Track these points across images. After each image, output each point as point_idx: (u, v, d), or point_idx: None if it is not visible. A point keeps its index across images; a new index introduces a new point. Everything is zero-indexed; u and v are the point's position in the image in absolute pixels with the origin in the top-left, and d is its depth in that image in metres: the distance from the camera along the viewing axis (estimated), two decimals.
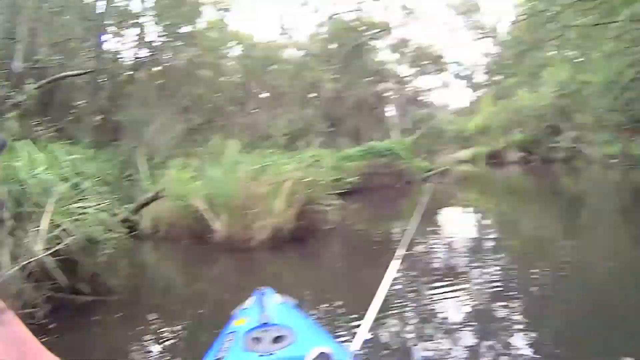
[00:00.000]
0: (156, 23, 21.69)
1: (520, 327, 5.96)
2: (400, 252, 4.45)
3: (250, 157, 12.27)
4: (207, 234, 11.10)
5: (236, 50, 34.22)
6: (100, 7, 20.16)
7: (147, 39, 21.65)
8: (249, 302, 3.72)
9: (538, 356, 5.13)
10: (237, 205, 10.68)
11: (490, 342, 5.55)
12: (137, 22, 21.44)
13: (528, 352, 5.21)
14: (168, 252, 11.76)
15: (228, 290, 8.31)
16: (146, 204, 11.71)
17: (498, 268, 9.16)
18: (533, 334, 5.68)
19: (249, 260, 10.26)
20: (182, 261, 11.24)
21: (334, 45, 45.09)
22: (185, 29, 22.77)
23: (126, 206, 11.64)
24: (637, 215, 16.77)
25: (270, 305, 3.49)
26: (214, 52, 22.39)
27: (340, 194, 15.82)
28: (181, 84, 20.17)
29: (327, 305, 7.17)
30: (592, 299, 6.93)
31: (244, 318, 3.40)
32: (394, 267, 4.15)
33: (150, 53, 20.92)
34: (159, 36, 21.68)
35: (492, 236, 13.64)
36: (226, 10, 29.64)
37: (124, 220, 10.43)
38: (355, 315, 5.84)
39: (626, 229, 13.99)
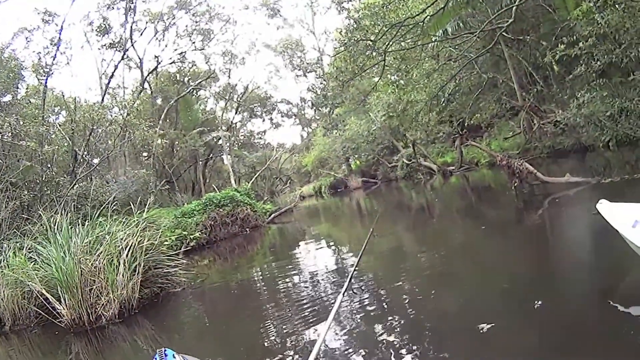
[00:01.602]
0: None
1: (400, 345, 6.00)
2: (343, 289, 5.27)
3: (82, 230, 11.51)
4: (56, 318, 10.29)
5: (60, 116, 33.01)
6: None
7: None
8: None
9: None
10: (76, 283, 9.97)
11: None
12: None
13: None
14: (17, 346, 10.75)
15: None
16: None
17: (366, 290, 9.19)
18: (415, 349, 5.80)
19: (102, 339, 9.58)
20: (32, 355, 10.32)
21: (159, 100, 44.54)
22: (6, 97, 21.64)
23: None
24: (477, 210, 18.39)
25: None
26: (37, 120, 21.26)
27: (186, 252, 15.38)
28: (6, 158, 18.97)
29: None
30: (460, 302, 7.31)
31: None
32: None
33: None
34: None
35: (351, 261, 13.50)
36: (47, 73, 28.57)
37: None
38: None
39: (473, 226, 14.90)
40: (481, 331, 5.64)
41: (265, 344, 7.25)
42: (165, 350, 3.53)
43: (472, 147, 32.38)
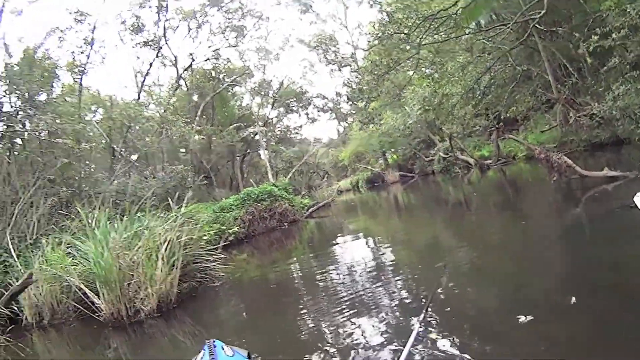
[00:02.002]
0: (7, 93, 20.50)
1: (438, 336, 5.93)
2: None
3: (121, 225, 11.55)
4: (94, 313, 10.36)
5: (97, 114, 33.40)
6: None
7: (2, 110, 20.38)
8: (200, 356, 3.56)
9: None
10: (115, 278, 9.99)
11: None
12: None
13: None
14: (55, 341, 10.83)
15: None
16: (17, 293, 10.81)
17: (403, 283, 9.20)
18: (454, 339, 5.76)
19: (141, 333, 9.61)
20: (72, 349, 10.37)
21: (195, 97, 44.76)
22: (41, 96, 21.85)
23: None
24: (515, 205, 18.02)
25: (222, 358, 3.44)
26: (74, 118, 21.46)
27: (224, 247, 15.38)
28: (43, 156, 19.19)
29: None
30: (498, 295, 7.31)
31: None
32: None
33: (7, 125, 19.74)
34: (12, 107, 20.52)
35: (388, 256, 13.41)
36: (82, 72, 28.89)
37: None
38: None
39: (512, 220, 14.53)
40: (520, 322, 5.63)
41: (303, 338, 7.21)
42: (214, 342, 3.57)
43: (508, 140, 32.01)
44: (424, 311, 5.49)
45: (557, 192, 15.92)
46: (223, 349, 3.57)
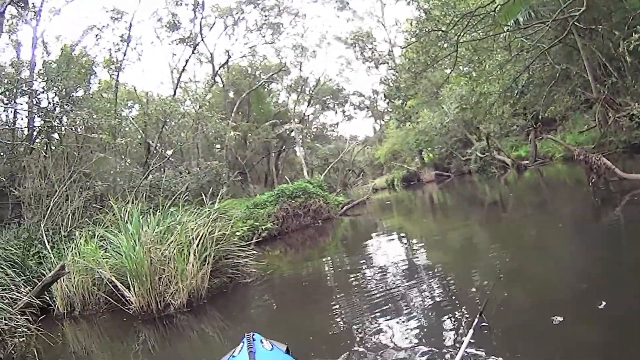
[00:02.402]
0: (45, 89, 20.80)
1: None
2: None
3: (153, 219, 11.58)
4: (124, 306, 10.42)
5: (133, 110, 33.79)
6: None
7: (40, 106, 20.69)
8: (238, 349, 3.60)
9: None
10: (146, 272, 10.02)
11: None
12: (26, 90, 20.41)
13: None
14: (85, 331, 10.86)
15: None
16: (49, 284, 10.88)
17: (435, 282, 9.21)
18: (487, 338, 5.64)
19: (170, 327, 9.59)
20: (101, 340, 10.40)
21: (231, 93, 44.97)
22: (78, 92, 22.10)
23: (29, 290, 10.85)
24: (552, 207, 17.45)
25: (260, 352, 3.44)
26: (110, 114, 21.70)
27: (257, 243, 15.35)
28: (79, 150, 19.39)
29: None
30: (532, 296, 7.22)
31: None
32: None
33: (44, 120, 20.05)
34: (49, 102, 20.81)
35: (422, 256, 13.32)
36: (119, 69, 29.23)
37: (29, 305, 9.84)
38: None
39: (549, 223, 14.09)
40: (554, 323, 5.61)
41: (334, 336, 7.14)
42: (253, 335, 3.58)
43: (546, 140, 31.64)
44: (478, 316, 5.33)
45: (595, 194, 15.59)
46: (262, 342, 3.64)
